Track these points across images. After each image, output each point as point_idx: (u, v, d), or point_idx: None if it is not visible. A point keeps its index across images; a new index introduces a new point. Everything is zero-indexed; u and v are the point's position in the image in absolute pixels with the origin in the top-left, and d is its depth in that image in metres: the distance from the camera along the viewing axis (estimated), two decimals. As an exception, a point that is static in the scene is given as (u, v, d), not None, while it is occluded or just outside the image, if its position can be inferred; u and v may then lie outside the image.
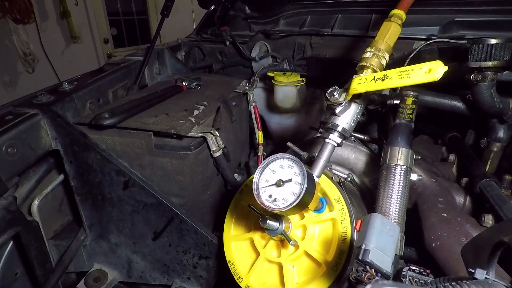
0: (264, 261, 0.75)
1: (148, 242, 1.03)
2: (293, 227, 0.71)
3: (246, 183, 0.85)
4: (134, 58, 1.40)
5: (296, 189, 0.60)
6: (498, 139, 1.01)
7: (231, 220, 0.83)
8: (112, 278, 1.10)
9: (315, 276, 0.69)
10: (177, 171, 0.96)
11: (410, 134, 0.83)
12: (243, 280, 0.75)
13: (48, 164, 1.05)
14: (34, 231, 0.94)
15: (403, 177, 0.75)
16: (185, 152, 0.94)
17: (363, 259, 0.55)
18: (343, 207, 0.71)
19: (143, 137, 0.94)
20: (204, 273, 1.02)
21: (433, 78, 0.49)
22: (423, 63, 0.51)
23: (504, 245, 0.40)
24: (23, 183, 0.98)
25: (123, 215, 1.02)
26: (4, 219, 0.84)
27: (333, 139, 0.68)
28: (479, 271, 0.43)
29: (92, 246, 1.10)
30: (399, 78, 0.52)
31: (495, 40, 0.82)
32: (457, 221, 0.79)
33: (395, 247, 0.60)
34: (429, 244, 0.76)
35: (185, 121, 0.95)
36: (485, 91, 0.87)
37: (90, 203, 1.04)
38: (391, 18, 1.00)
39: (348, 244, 0.67)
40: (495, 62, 0.82)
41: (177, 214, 0.96)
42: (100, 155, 0.95)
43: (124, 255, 1.08)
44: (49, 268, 1.00)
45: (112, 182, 0.98)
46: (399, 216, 0.73)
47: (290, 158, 0.63)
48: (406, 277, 0.58)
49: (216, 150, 0.99)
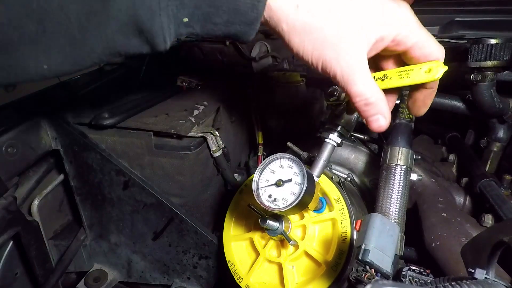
0: (264, 261, 0.75)
1: (148, 242, 1.03)
2: (293, 227, 0.71)
3: (246, 183, 0.85)
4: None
5: (296, 189, 0.60)
6: (498, 139, 1.01)
7: (231, 220, 0.83)
8: (112, 278, 1.10)
9: (315, 276, 0.69)
10: (177, 171, 0.96)
11: (410, 134, 0.83)
12: (243, 280, 0.75)
13: (48, 164, 1.05)
14: (34, 231, 0.94)
15: (403, 177, 0.75)
16: (185, 152, 0.94)
17: (363, 259, 0.55)
18: (343, 207, 0.71)
19: (143, 137, 0.94)
20: (204, 273, 1.02)
21: (433, 78, 0.49)
22: (423, 63, 0.51)
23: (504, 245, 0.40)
24: (23, 183, 0.98)
25: (123, 215, 1.02)
26: (4, 219, 0.84)
27: (333, 139, 0.68)
28: (479, 271, 0.43)
29: (92, 246, 1.10)
30: (399, 78, 0.52)
31: (495, 40, 0.82)
32: (457, 221, 0.79)
33: (395, 247, 0.60)
34: (429, 244, 0.76)
35: (185, 121, 0.95)
36: (485, 91, 0.87)
37: (90, 203, 1.04)
38: (391, 18, 1.00)
39: (348, 244, 0.67)
40: (495, 62, 0.82)
41: (177, 214, 0.96)
42: (100, 155, 0.95)
43: (124, 255, 1.08)
44: (49, 268, 1.00)
45: (112, 182, 0.98)
46: (399, 216, 0.73)
47: (290, 158, 0.63)
48: (406, 277, 0.58)
49: (216, 150, 0.99)
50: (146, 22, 0.39)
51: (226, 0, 0.41)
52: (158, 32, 0.40)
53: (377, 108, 0.49)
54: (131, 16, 0.39)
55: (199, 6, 0.41)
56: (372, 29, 0.46)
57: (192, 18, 0.41)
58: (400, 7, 0.48)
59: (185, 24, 0.42)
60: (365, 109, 0.49)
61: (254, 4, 0.42)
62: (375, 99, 0.48)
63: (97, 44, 0.40)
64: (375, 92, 0.49)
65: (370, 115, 0.50)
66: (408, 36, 0.47)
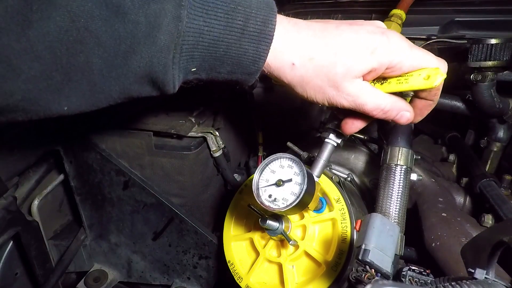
0: (264, 261, 0.75)
1: (148, 242, 1.03)
2: (293, 227, 0.71)
3: (246, 183, 0.85)
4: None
5: (296, 189, 0.60)
6: (498, 139, 1.01)
7: (231, 220, 0.83)
8: (112, 278, 1.10)
9: (315, 276, 0.69)
10: (177, 171, 0.96)
11: (410, 134, 0.83)
12: (243, 280, 0.75)
13: (48, 164, 1.05)
14: (34, 231, 0.94)
15: (403, 177, 0.75)
16: (185, 152, 0.94)
17: (363, 259, 0.55)
18: (343, 207, 0.71)
19: (143, 137, 0.94)
20: (204, 273, 1.02)
21: (431, 85, 0.49)
22: (422, 69, 0.51)
23: (504, 245, 0.40)
24: (23, 183, 0.97)
25: (123, 215, 1.02)
26: (4, 219, 0.84)
27: (333, 139, 0.68)
28: (479, 271, 0.43)
29: (92, 246, 1.10)
30: (398, 83, 0.52)
31: (495, 40, 0.82)
32: (457, 221, 0.79)
33: (395, 247, 0.60)
34: (429, 244, 0.76)
35: (185, 121, 0.94)
36: (485, 91, 0.87)
37: (90, 203, 1.04)
38: (391, 18, 1.00)
39: (348, 244, 0.67)
40: (495, 62, 0.82)
41: (177, 214, 0.96)
42: (100, 155, 0.95)
43: (124, 255, 1.08)
44: (49, 268, 1.00)
45: (112, 182, 0.98)
46: (399, 216, 0.73)
47: (290, 158, 0.63)
48: (406, 277, 0.58)
49: (216, 150, 0.99)
50: (160, 76, 0.45)
51: (230, 56, 0.47)
52: (169, 82, 0.46)
53: (395, 109, 0.54)
54: (148, 71, 0.44)
55: (207, 60, 0.47)
56: (362, 63, 0.50)
57: (199, 68, 0.48)
58: (388, 36, 0.50)
59: (193, 73, 0.48)
60: (386, 116, 0.54)
61: (256, 60, 0.48)
62: (389, 105, 0.53)
63: (115, 91, 0.45)
64: (385, 99, 0.53)
65: (393, 117, 0.54)
66: (402, 62, 0.51)
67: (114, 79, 0.44)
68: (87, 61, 0.41)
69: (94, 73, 0.42)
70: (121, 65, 0.43)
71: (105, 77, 0.43)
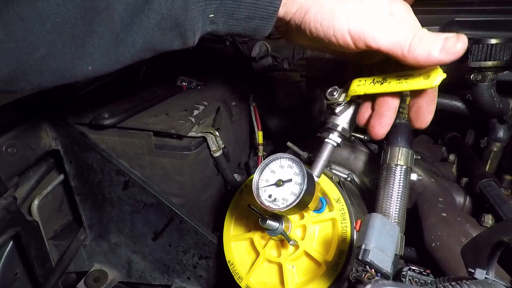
0: (264, 261, 0.75)
1: (148, 242, 1.03)
2: (293, 227, 0.71)
3: (246, 183, 0.85)
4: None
5: (296, 189, 0.60)
6: (498, 139, 1.01)
7: (231, 220, 0.83)
8: (112, 278, 1.10)
9: (315, 276, 0.69)
10: (177, 171, 0.96)
11: (410, 134, 0.83)
12: (243, 280, 0.75)
13: (48, 164, 1.05)
14: (34, 231, 0.94)
15: (403, 177, 0.75)
16: (185, 152, 0.94)
17: (363, 259, 0.55)
18: (343, 207, 0.71)
19: (143, 137, 0.94)
20: (204, 273, 1.02)
21: (430, 85, 0.49)
22: (422, 69, 0.51)
23: (504, 245, 0.40)
24: (23, 183, 0.97)
25: (123, 215, 1.02)
26: (4, 219, 0.84)
27: (332, 139, 0.68)
28: (479, 271, 0.43)
29: (92, 246, 1.10)
30: (398, 82, 0.52)
31: (495, 40, 0.82)
32: (457, 221, 0.79)
33: (395, 247, 0.60)
34: (429, 244, 0.76)
35: (185, 121, 0.95)
36: (485, 91, 0.87)
37: (90, 203, 1.04)
38: (391, 18, 1.00)
39: (348, 244, 0.67)
40: (495, 62, 0.82)
41: (177, 214, 0.96)
42: (100, 155, 0.95)
43: (124, 255, 1.08)
44: (49, 268, 1.00)
45: (112, 182, 0.98)
46: (399, 216, 0.73)
47: (290, 158, 0.63)
48: (406, 277, 0.58)
49: (216, 150, 0.99)
50: (181, 15, 0.45)
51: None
52: (190, 26, 0.46)
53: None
54: (169, 10, 0.44)
55: (224, 2, 0.47)
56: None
57: (216, 14, 0.48)
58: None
59: (210, 21, 0.48)
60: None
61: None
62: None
63: (138, 40, 0.44)
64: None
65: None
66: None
67: (136, 25, 0.43)
68: (108, 6, 0.40)
69: (115, 21, 0.41)
70: (143, 6, 0.42)
71: (127, 24, 0.42)
